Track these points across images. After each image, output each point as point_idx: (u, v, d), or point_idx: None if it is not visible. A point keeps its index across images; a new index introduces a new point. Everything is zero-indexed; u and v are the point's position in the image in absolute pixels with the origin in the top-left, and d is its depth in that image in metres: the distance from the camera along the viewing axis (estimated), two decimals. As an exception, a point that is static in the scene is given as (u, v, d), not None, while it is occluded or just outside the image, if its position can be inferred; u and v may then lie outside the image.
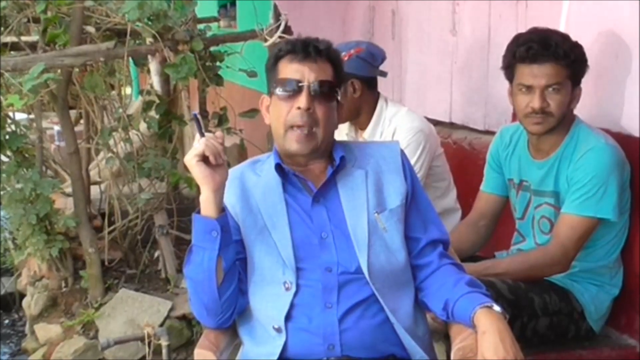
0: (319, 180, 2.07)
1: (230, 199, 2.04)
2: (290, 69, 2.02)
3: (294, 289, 2.00)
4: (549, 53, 2.48)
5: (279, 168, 2.07)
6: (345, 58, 3.01)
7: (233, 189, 2.05)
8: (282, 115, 2.01)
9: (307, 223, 2.05)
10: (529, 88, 2.53)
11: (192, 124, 4.39)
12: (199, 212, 1.95)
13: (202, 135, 1.90)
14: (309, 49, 2.02)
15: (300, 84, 2.00)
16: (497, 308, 1.94)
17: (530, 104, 2.53)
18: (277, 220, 2.04)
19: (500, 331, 1.88)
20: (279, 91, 2.02)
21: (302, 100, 1.99)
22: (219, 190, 1.94)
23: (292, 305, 2.00)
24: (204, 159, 1.89)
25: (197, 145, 1.89)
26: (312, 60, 2.02)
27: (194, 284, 2.01)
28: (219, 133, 1.95)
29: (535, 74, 2.51)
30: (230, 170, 2.05)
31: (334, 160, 2.08)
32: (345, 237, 2.03)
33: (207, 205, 1.93)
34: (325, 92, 2.02)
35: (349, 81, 3.09)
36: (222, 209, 1.95)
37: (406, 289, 2.08)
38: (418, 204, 2.13)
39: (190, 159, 1.89)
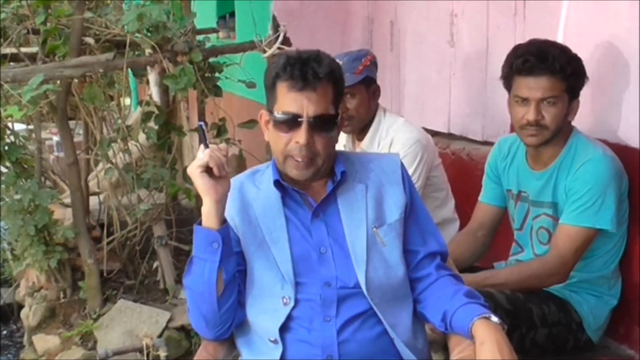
0: (319, 195, 2.06)
1: (230, 211, 2.03)
2: (289, 99, 1.96)
3: (292, 304, 2.00)
4: (545, 66, 2.49)
5: (278, 184, 2.06)
6: (367, 64, 3.10)
7: (233, 201, 2.04)
8: (281, 145, 1.98)
9: (307, 238, 2.04)
10: (525, 100, 2.54)
11: (193, 135, 4.41)
12: (200, 223, 1.95)
13: (207, 146, 1.90)
14: (307, 76, 1.94)
15: (299, 119, 1.95)
16: (495, 319, 1.93)
17: (525, 116, 2.54)
18: (277, 235, 2.04)
19: (498, 342, 1.88)
20: (278, 119, 1.98)
21: (301, 136, 1.95)
22: (221, 202, 1.93)
23: (291, 318, 2.00)
24: (208, 170, 1.89)
25: (201, 155, 1.89)
26: (311, 89, 1.95)
27: (194, 294, 2.00)
28: (223, 145, 1.95)
29: (531, 86, 2.52)
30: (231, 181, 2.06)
31: (335, 175, 2.07)
32: (344, 252, 2.03)
33: (208, 217, 1.93)
34: (324, 125, 1.98)
35: (372, 86, 3.14)
36: (223, 221, 1.95)
37: (405, 302, 2.08)
38: (417, 216, 2.13)
39: (194, 170, 1.89)
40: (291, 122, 1.96)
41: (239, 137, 4.24)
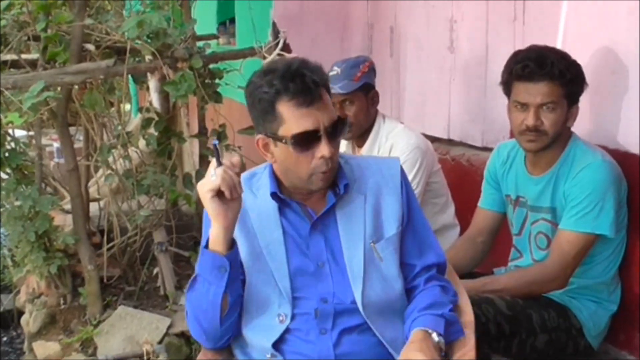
0: (318, 205, 2.02)
1: None
2: (300, 117, 1.87)
3: (288, 322, 1.98)
4: (545, 72, 2.49)
5: (274, 195, 2.01)
6: (365, 70, 3.10)
7: None
8: (304, 165, 1.92)
9: (304, 251, 2.01)
10: (524, 105, 2.54)
11: (193, 141, 4.41)
12: (207, 245, 1.90)
13: (220, 163, 1.82)
14: (309, 87, 1.86)
15: (318, 134, 1.88)
16: (435, 337, 1.91)
17: (524, 122, 2.55)
18: (274, 248, 2.00)
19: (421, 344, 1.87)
20: (296, 141, 1.88)
21: (324, 150, 1.88)
22: (231, 227, 1.88)
23: (287, 330, 1.98)
24: (219, 193, 1.82)
25: (213, 176, 1.81)
26: (318, 99, 1.88)
27: (196, 311, 1.98)
28: (236, 160, 1.85)
29: (531, 92, 2.52)
30: None
31: (337, 187, 2.01)
32: (341, 267, 2.00)
33: (217, 241, 1.88)
34: (339, 130, 1.93)
35: (371, 93, 3.14)
36: (232, 245, 1.90)
37: (402, 315, 2.05)
38: (414, 228, 2.09)
39: (204, 194, 1.82)
40: (311, 139, 1.88)
41: (239, 143, 4.24)
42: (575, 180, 2.56)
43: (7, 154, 3.93)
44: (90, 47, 4.05)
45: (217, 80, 4.04)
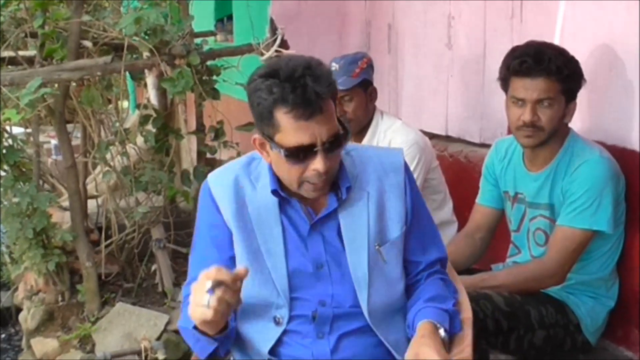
0: (318, 204, 1.96)
1: (226, 214, 1.95)
2: (297, 130, 1.77)
3: (284, 325, 1.95)
4: (542, 68, 2.49)
5: (275, 192, 1.95)
6: (364, 66, 3.10)
7: (228, 202, 1.95)
8: (295, 174, 1.85)
9: (302, 251, 1.95)
10: (522, 101, 2.54)
11: (191, 137, 4.41)
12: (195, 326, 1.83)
13: (220, 283, 1.69)
14: (311, 100, 1.75)
15: (315, 149, 1.79)
16: (442, 332, 1.89)
17: (521, 117, 2.55)
18: (273, 247, 1.95)
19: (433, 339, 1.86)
20: (290, 153, 1.80)
21: (319, 164, 1.80)
22: (219, 327, 1.83)
23: (283, 332, 1.95)
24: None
25: (206, 300, 1.69)
26: (319, 112, 1.77)
27: (186, 339, 1.95)
28: (242, 271, 1.75)
29: (528, 87, 2.52)
30: (224, 173, 2.01)
31: (339, 189, 1.95)
32: (342, 270, 1.95)
33: (207, 330, 1.83)
34: (338, 145, 1.84)
35: (369, 89, 3.14)
36: (225, 327, 1.86)
37: (402, 314, 2.03)
38: (418, 225, 2.04)
39: (195, 319, 1.75)
40: (305, 153, 1.80)
41: (236, 139, 4.24)
42: (573, 177, 2.56)
43: (4, 151, 3.92)
44: (87, 43, 4.05)
45: (214, 77, 4.04)
